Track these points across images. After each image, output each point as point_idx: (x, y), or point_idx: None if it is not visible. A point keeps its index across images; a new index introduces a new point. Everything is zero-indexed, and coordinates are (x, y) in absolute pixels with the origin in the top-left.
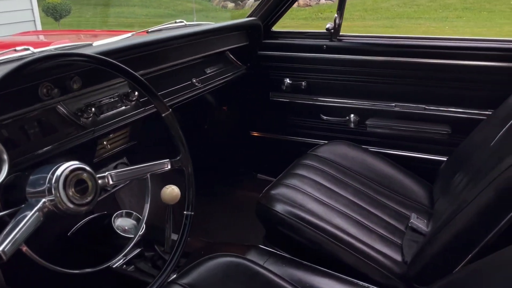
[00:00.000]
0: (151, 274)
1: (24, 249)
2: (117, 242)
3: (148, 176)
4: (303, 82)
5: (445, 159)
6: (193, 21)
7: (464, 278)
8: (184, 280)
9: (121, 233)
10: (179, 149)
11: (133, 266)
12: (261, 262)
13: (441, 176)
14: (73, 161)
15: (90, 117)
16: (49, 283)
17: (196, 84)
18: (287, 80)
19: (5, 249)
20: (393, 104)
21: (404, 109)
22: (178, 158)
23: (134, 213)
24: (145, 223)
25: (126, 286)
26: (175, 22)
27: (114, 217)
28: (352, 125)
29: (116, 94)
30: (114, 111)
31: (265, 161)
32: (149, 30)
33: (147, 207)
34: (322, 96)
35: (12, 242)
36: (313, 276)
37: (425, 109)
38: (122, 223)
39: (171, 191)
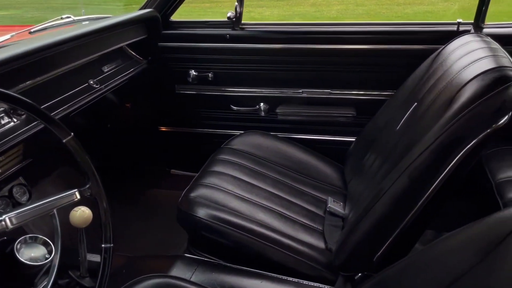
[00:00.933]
0: None
1: None
2: (25, 272)
3: (55, 211)
4: (209, 73)
5: (353, 139)
6: (81, 15)
7: (391, 276)
8: None
9: (28, 262)
10: (88, 176)
11: None
12: (189, 275)
13: (351, 158)
14: None
15: None
16: None
17: (94, 85)
18: (193, 72)
19: None
20: (300, 91)
21: (310, 94)
22: (88, 186)
23: (40, 236)
24: (56, 247)
25: None
26: (61, 18)
27: (17, 244)
28: (262, 114)
29: (1, 109)
30: (1, 130)
31: (178, 156)
32: (32, 30)
33: (58, 244)
34: (230, 86)
35: None
36: (243, 279)
37: (330, 93)
38: (27, 249)
39: (82, 214)
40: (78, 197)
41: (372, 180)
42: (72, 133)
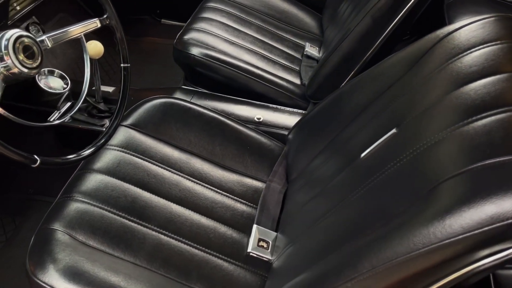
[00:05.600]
0: (89, 122)
1: None
2: (48, 99)
3: (83, 35)
4: None
5: None
6: None
7: (346, 90)
8: (128, 122)
9: (49, 90)
10: (105, 7)
11: (69, 117)
12: (188, 99)
13: (328, 7)
14: (14, 29)
15: None
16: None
17: None
18: None
19: None
20: None
21: None
22: (106, 16)
23: (57, 70)
24: (70, 79)
25: (69, 136)
26: None
27: (38, 76)
28: None
29: None
30: None
31: (167, 6)
32: None
33: (88, 64)
34: None
35: None
36: (233, 105)
37: None
38: (47, 81)
39: (95, 46)
40: (99, 24)
41: (343, 25)
42: None
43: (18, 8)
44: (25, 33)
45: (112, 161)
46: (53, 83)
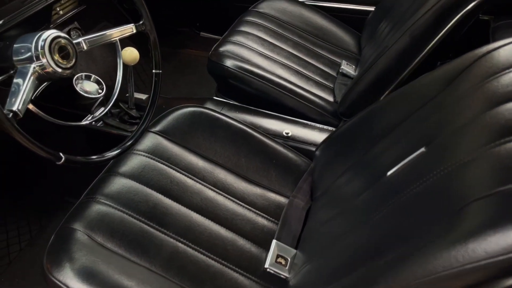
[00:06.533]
0: (120, 127)
1: (31, 107)
2: (83, 102)
3: (118, 40)
4: None
5: (373, 9)
6: None
7: (378, 107)
8: (156, 128)
9: (85, 94)
10: (141, 13)
11: (101, 122)
12: (218, 110)
13: (368, 26)
14: (51, 30)
15: None
16: (44, 134)
17: None
18: None
19: (19, 108)
20: None
21: None
22: (142, 22)
23: (93, 75)
24: (105, 84)
25: (99, 140)
26: None
27: (75, 80)
28: None
29: None
30: None
31: (207, 20)
32: None
33: (120, 69)
34: None
35: (22, 101)
36: (262, 118)
37: None
38: (83, 85)
39: (131, 53)
40: (134, 30)
41: (381, 44)
42: None
43: (61, 12)
44: (62, 34)
45: (137, 165)
46: (89, 88)
